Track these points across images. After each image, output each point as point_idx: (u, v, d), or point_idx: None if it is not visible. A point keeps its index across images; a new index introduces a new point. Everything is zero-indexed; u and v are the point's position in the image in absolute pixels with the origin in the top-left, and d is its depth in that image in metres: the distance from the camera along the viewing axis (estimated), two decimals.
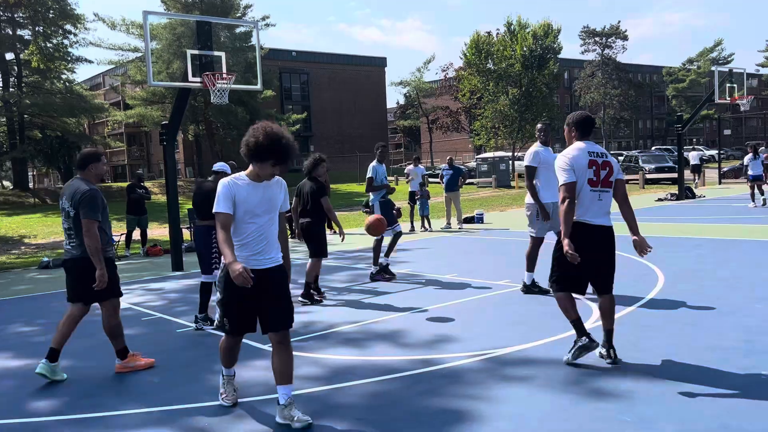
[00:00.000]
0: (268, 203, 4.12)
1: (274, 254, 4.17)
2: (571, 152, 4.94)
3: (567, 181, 4.81)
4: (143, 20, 9.98)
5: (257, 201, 4.08)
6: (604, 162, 4.94)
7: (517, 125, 41.31)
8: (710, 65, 64.90)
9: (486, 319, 6.67)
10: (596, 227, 4.91)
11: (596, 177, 4.88)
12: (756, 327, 5.66)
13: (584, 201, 4.87)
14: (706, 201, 20.47)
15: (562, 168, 4.87)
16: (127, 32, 38.55)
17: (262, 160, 3.96)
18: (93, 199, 5.12)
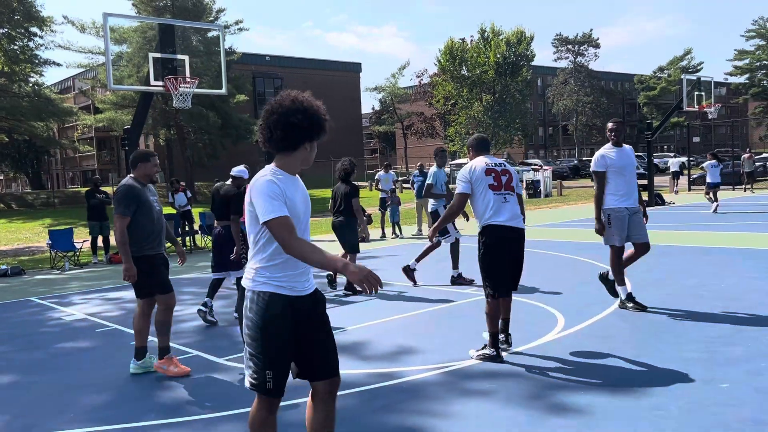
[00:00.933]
0: (307, 203, 3.09)
1: (311, 273, 3.11)
2: (468, 166, 5.54)
3: (459, 191, 5.50)
4: (103, 22, 9.73)
5: (300, 200, 3.02)
6: (503, 170, 5.52)
7: (491, 131, 41.46)
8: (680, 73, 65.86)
9: (449, 329, 6.55)
10: (507, 227, 5.35)
11: (497, 182, 5.41)
12: (717, 338, 5.60)
13: (492, 205, 5.38)
14: (676, 208, 20.65)
15: (459, 180, 5.52)
16: (97, 35, 37.92)
17: (314, 138, 2.96)
18: (122, 195, 5.24)
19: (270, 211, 2.80)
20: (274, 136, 2.90)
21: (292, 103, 2.89)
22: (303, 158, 2.99)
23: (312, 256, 2.80)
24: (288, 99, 2.91)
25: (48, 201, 36.93)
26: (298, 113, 2.87)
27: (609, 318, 6.55)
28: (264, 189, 2.86)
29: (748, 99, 75.07)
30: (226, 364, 5.67)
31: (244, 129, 40.07)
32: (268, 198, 2.83)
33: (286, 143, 2.92)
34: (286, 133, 2.88)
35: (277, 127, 2.88)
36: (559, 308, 7.04)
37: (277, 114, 2.88)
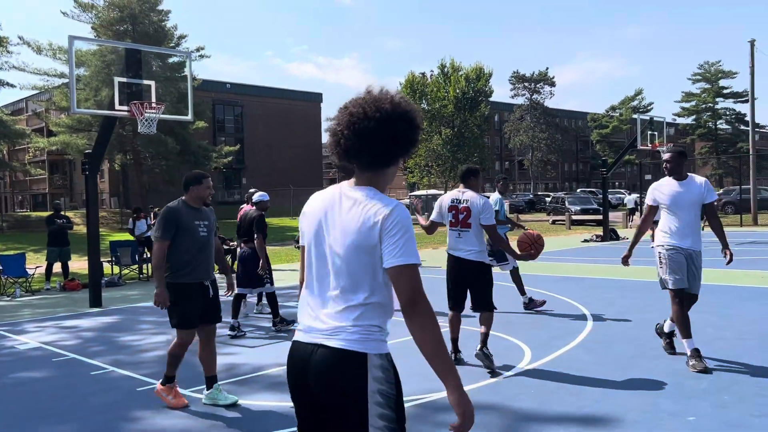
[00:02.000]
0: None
1: None
2: (440, 200, 6.34)
3: (430, 219, 6.39)
4: (69, 45, 9.58)
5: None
6: (464, 207, 6.10)
7: (449, 164, 42.03)
8: (631, 113, 68.16)
9: (418, 361, 6.50)
10: (457, 258, 6.22)
11: (455, 219, 6.17)
12: (683, 371, 5.73)
13: (449, 238, 6.27)
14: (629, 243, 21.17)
15: (435, 207, 6.36)
16: (53, 57, 37.25)
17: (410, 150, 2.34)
18: (161, 217, 5.18)
19: (413, 252, 2.17)
20: (371, 148, 2.22)
21: (395, 109, 2.24)
22: (391, 178, 2.38)
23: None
24: (389, 103, 2.24)
25: None
26: (402, 122, 2.24)
27: (574, 351, 6.63)
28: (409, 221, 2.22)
29: (695, 139, 77.99)
30: (191, 396, 5.53)
31: (203, 155, 39.68)
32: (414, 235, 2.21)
33: (384, 159, 2.27)
34: (389, 146, 2.24)
35: (378, 139, 2.20)
36: (525, 341, 7.11)
37: (380, 121, 2.20)
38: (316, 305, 2.31)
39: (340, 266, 2.23)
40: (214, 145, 45.92)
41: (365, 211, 2.20)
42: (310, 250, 2.35)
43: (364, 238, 2.18)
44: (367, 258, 2.19)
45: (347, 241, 2.21)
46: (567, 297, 10.04)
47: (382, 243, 2.16)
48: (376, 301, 2.23)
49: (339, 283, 2.24)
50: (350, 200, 2.26)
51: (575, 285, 11.40)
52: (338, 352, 2.19)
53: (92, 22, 38.00)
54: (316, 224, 2.32)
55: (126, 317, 9.85)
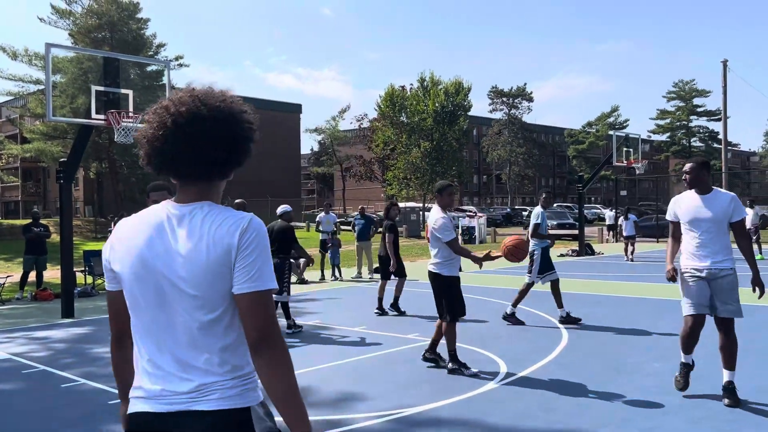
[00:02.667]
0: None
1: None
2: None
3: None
4: (45, 53, 9.48)
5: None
6: (427, 222, 6.74)
7: (428, 177, 42.16)
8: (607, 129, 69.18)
9: (395, 375, 6.53)
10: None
11: (426, 233, 6.78)
12: (655, 387, 5.79)
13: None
14: (604, 258, 21.39)
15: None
16: (29, 63, 36.90)
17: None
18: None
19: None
20: (209, 155, 1.81)
21: (232, 109, 1.87)
22: (222, 190, 1.98)
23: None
24: (224, 103, 1.86)
25: None
26: (242, 125, 1.89)
27: (549, 366, 6.67)
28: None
29: (669, 156, 79.30)
30: None
31: None
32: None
33: (226, 168, 1.89)
34: (233, 153, 1.87)
35: (219, 144, 1.82)
36: (500, 354, 7.14)
37: (219, 121, 1.82)
38: (162, 361, 1.79)
39: (190, 303, 1.76)
40: None
41: (214, 228, 1.77)
42: (133, 293, 1.82)
43: (218, 261, 1.75)
44: (224, 286, 1.76)
45: (196, 270, 1.75)
46: (542, 311, 10.11)
47: (236, 262, 1.75)
48: (241, 339, 1.80)
49: (193, 326, 1.77)
50: (186, 220, 1.81)
51: (550, 299, 11.46)
52: (217, 415, 1.75)
53: (69, 29, 37.72)
54: (140, 257, 1.80)
55: (99, 328, 9.71)
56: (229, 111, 1.84)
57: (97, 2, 37.05)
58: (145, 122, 1.87)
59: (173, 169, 1.83)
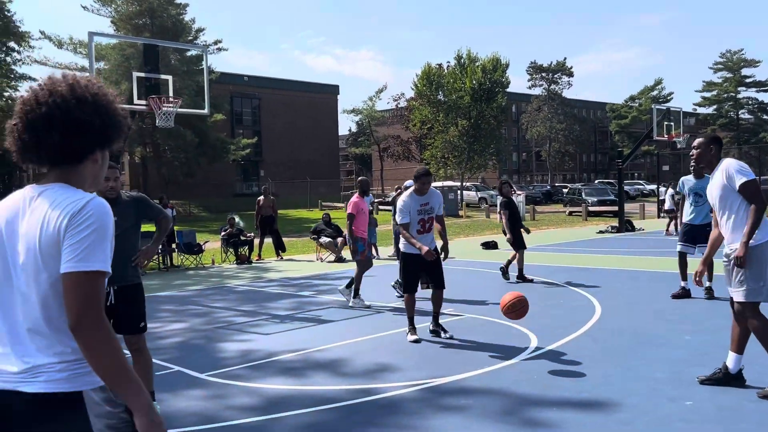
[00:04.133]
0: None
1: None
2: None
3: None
4: (89, 42, 9.84)
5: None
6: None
7: (465, 156, 42.08)
8: (651, 103, 67.57)
9: (427, 348, 6.71)
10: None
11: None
12: (684, 359, 5.85)
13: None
14: (645, 234, 21.14)
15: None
16: (74, 51, 37.79)
17: (107, 145, 1.97)
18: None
19: (99, 258, 1.79)
20: (46, 140, 1.82)
21: (73, 91, 1.85)
22: (92, 175, 1.95)
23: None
24: (65, 84, 1.86)
25: None
26: (85, 106, 1.85)
27: (580, 339, 6.77)
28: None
29: (716, 129, 77.11)
30: (207, 380, 5.76)
31: (221, 148, 40.11)
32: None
33: (67, 152, 1.86)
34: (69, 136, 1.83)
35: (53, 127, 1.81)
36: (532, 329, 7.25)
37: (52, 107, 1.82)
38: (1, 341, 1.81)
39: (27, 287, 1.78)
40: (232, 137, 46.31)
41: (51, 209, 1.78)
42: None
43: (49, 243, 1.75)
44: (55, 268, 1.76)
45: (33, 252, 1.77)
46: (578, 287, 10.16)
47: (63, 241, 1.74)
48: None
49: (30, 309, 1.79)
50: (35, 201, 1.83)
51: (587, 275, 11.50)
52: (42, 397, 1.75)
53: (111, 16, 38.47)
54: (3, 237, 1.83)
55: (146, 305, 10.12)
56: (70, 94, 1.84)
57: None
58: (12, 119, 1.90)
59: (28, 158, 1.87)
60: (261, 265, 15.39)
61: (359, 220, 9.41)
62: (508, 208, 11.06)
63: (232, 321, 8.60)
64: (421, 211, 7.04)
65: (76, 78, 1.88)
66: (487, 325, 7.66)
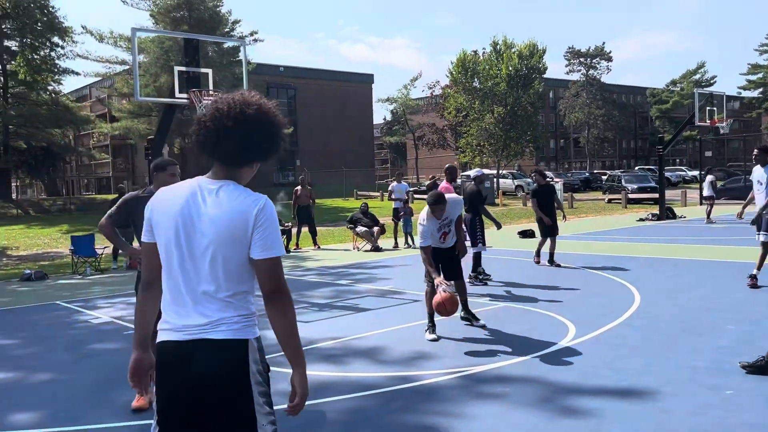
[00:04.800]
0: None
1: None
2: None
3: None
4: (132, 37, 10.09)
5: None
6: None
7: (502, 143, 41.71)
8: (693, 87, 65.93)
9: (464, 336, 6.78)
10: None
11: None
12: (726, 348, 5.81)
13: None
14: (687, 222, 20.78)
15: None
16: (114, 45, 38.54)
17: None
18: (120, 202, 5.13)
19: (280, 245, 2.43)
20: (224, 145, 2.30)
21: (257, 113, 2.32)
22: (246, 177, 2.44)
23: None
24: (255, 106, 2.33)
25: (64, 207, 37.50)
26: (262, 127, 2.34)
27: (619, 328, 6.75)
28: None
29: (761, 113, 74.95)
30: None
31: None
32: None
33: (236, 158, 2.34)
34: (242, 147, 2.31)
35: (232, 137, 2.29)
36: (570, 318, 7.26)
37: (239, 120, 2.29)
38: (185, 301, 2.30)
39: (211, 258, 2.26)
40: None
41: (237, 203, 2.27)
42: (168, 247, 2.31)
43: (237, 229, 2.25)
44: (240, 248, 2.27)
45: (221, 233, 2.25)
46: (617, 276, 10.09)
47: (253, 234, 2.27)
48: (248, 290, 2.34)
49: (212, 275, 2.27)
50: (214, 192, 2.30)
51: (627, 264, 11.40)
52: (224, 342, 2.27)
53: (150, 10, 39.08)
54: (176, 218, 2.30)
55: None
56: (254, 117, 2.30)
57: None
58: (204, 113, 2.34)
59: (214, 153, 2.32)
60: (299, 254, 15.61)
61: None
62: (535, 196, 11.49)
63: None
64: (440, 227, 6.97)
65: (262, 102, 2.35)
66: (524, 314, 7.69)
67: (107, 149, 60.23)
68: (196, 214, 2.28)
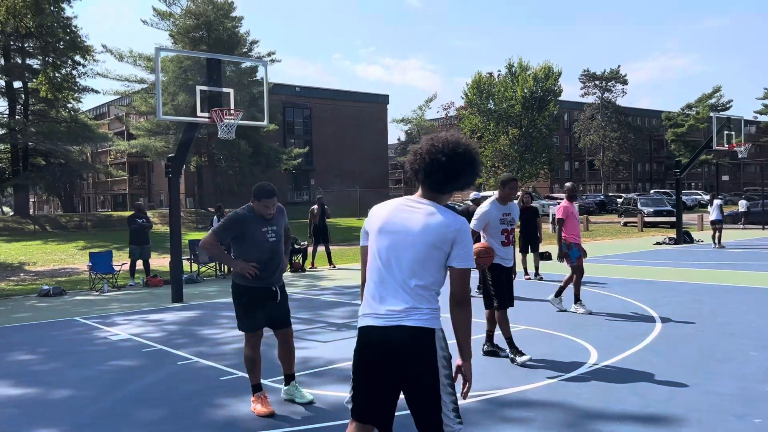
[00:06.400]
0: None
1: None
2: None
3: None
4: (155, 56, 10.23)
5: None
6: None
7: (517, 165, 41.69)
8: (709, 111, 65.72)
9: (485, 360, 6.72)
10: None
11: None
12: (751, 375, 5.72)
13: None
14: (704, 246, 20.58)
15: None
16: (134, 64, 39.14)
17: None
18: (225, 220, 5.31)
19: (472, 260, 2.92)
20: (434, 175, 2.85)
21: (464, 152, 2.87)
22: (445, 201, 2.97)
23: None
24: (463, 146, 2.88)
25: (81, 224, 37.78)
26: (465, 163, 2.88)
27: (641, 353, 6.67)
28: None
29: None
30: (271, 386, 5.90)
31: (274, 157, 40.84)
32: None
33: (441, 186, 2.89)
34: (447, 178, 2.86)
35: (440, 170, 2.84)
36: (592, 342, 7.18)
37: (449, 156, 2.83)
38: (385, 294, 2.83)
39: (415, 260, 2.79)
40: (284, 147, 47.07)
41: (444, 220, 2.80)
42: (380, 249, 2.87)
43: (442, 240, 2.78)
44: (439, 255, 2.79)
45: (427, 240, 2.78)
46: (636, 300, 9.99)
47: (453, 247, 2.79)
48: (437, 289, 2.86)
49: (412, 274, 2.79)
50: (423, 209, 2.85)
51: (645, 288, 11.29)
52: (416, 330, 2.78)
53: (170, 30, 39.69)
54: (389, 226, 2.87)
55: (206, 312, 10.43)
56: (462, 154, 2.85)
57: (194, 3, 38.79)
58: (419, 147, 2.93)
59: (426, 180, 2.88)
60: (314, 273, 15.61)
61: (570, 225, 9.11)
62: (521, 214, 12.23)
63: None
64: (503, 220, 6.54)
65: (466, 143, 2.89)
66: (545, 336, 7.62)
67: (124, 166, 60.81)
68: (407, 223, 2.83)
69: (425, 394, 2.83)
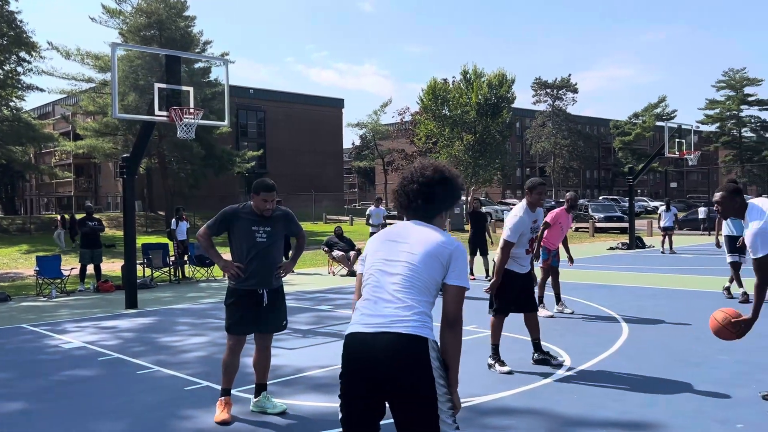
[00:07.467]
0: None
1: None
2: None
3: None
4: (112, 52, 9.80)
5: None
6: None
7: (471, 170, 41.99)
8: (654, 120, 67.70)
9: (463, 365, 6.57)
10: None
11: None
12: (725, 379, 5.74)
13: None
14: (655, 251, 21.04)
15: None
16: (81, 62, 37.91)
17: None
18: (218, 214, 5.18)
19: (467, 279, 2.89)
20: (413, 203, 2.91)
21: (434, 175, 2.91)
22: (440, 223, 2.96)
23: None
24: (431, 169, 2.92)
25: (24, 227, 36.36)
26: (440, 186, 2.91)
27: (614, 357, 6.65)
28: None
29: (718, 147, 77.18)
30: (238, 395, 5.63)
31: (227, 160, 40.11)
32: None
33: (424, 212, 2.92)
34: (427, 203, 2.90)
35: (418, 197, 2.90)
36: (563, 347, 7.14)
37: (422, 184, 2.89)
38: (377, 301, 2.78)
39: (413, 272, 2.76)
40: (237, 149, 46.31)
41: (442, 240, 2.81)
42: (377, 258, 2.87)
43: (440, 252, 2.77)
44: (437, 266, 2.76)
45: (425, 250, 2.78)
46: (599, 304, 10.05)
47: (450, 265, 2.76)
48: (431, 301, 2.79)
49: (408, 282, 2.75)
50: (423, 230, 2.86)
51: (606, 292, 11.39)
52: (407, 337, 2.67)
53: (120, 28, 38.61)
54: (388, 236, 2.92)
55: (162, 318, 10.03)
56: (428, 178, 2.90)
57: (145, 1, 37.83)
58: (402, 177, 2.99)
59: (399, 206, 2.98)
60: None
61: (553, 232, 9.22)
62: (470, 219, 14.33)
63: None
64: (533, 229, 6.36)
65: (438, 165, 2.94)
66: (517, 342, 7.54)
67: (70, 168, 58.88)
68: (409, 240, 2.83)
69: (422, 406, 2.67)
